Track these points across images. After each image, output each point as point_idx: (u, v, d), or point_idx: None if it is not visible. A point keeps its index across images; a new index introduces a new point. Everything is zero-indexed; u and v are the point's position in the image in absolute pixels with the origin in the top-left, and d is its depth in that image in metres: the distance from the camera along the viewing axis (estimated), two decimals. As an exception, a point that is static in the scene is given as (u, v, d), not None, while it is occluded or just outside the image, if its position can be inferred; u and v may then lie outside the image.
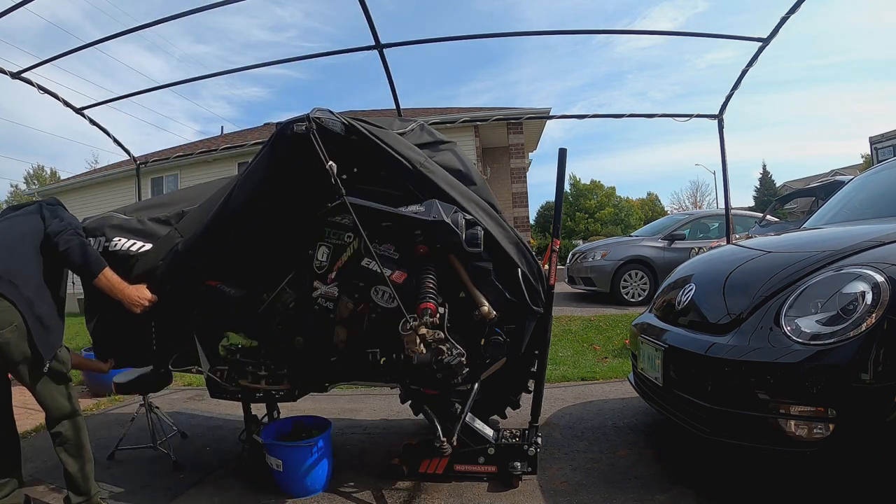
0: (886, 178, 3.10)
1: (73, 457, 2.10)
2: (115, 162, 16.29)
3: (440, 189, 2.10)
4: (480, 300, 2.09)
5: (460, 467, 2.37)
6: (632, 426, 2.98)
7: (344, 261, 2.26)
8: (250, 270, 2.36)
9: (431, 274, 2.08)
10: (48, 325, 1.98)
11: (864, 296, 1.65)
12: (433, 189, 2.10)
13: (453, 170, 2.29)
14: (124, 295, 2.17)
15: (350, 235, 2.27)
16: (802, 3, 3.44)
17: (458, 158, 2.39)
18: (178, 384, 4.66)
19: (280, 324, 2.33)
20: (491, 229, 2.11)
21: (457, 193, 2.14)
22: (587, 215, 34.90)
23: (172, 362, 2.67)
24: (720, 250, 2.98)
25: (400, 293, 2.02)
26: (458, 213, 2.04)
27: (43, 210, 2.14)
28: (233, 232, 2.21)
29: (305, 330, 2.29)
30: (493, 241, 2.11)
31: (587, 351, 5.07)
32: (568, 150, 2.38)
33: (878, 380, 1.57)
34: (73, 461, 2.10)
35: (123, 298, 2.17)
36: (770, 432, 1.76)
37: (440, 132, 2.53)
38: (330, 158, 1.97)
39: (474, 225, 2.07)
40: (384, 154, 2.06)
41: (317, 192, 2.21)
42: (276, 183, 2.16)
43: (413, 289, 2.05)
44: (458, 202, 2.10)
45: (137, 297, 2.19)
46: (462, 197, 2.15)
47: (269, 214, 2.22)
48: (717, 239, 7.11)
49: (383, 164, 2.11)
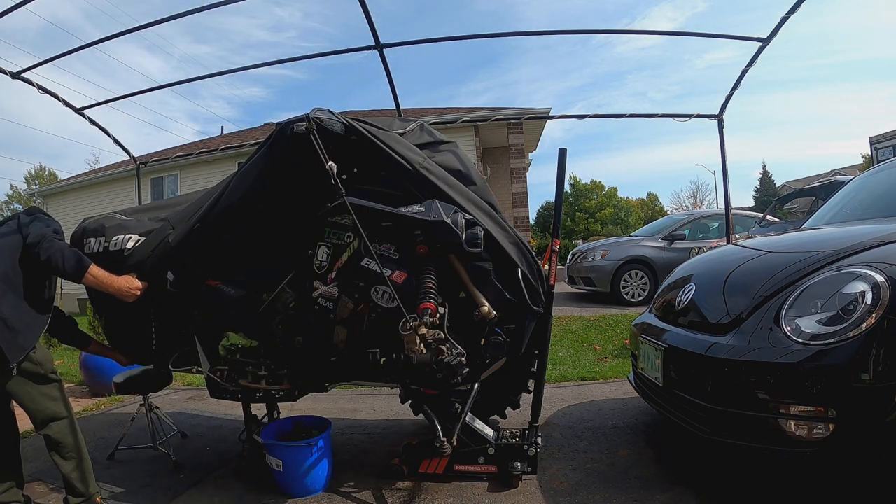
0: (886, 178, 3.10)
1: (67, 459, 2.09)
2: (115, 162, 16.30)
3: (440, 189, 2.10)
4: (480, 300, 2.09)
5: (460, 467, 2.37)
6: (632, 426, 2.98)
7: (344, 261, 2.26)
8: (250, 270, 2.36)
9: (431, 274, 2.08)
10: (14, 327, 1.93)
11: (864, 296, 1.65)
12: (433, 189, 2.10)
13: (453, 170, 2.29)
14: (114, 287, 2.17)
15: (350, 235, 2.27)
16: (802, 3, 3.44)
17: (457, 158, 2.39)
18: (178, 384, 4.66)
19: (280, 324, 2.33)
20: (491, 229, 2.11)
21: (457, 193, 2.14)
22: (587, 215, 34.91)
23: (172, 362, 2.67)
24: (720, 250, 2.98)
25: (400, 293, 2.02)
26: (458, 213, 2.05)
27: (20, 224, 2.13)
28: (227, 229, 2.22)
29: (305, 330, 2.29)
30: (492, 241, 2.11)
31: (587, 351, 5.07)
32: (568, 150, 2.38)
33: (878, 380, 1.57)
34: (66, 463, 2.09)
35: (114, 291, 2.18)
36: (770, 432, 1.76)
37: (440, 132, 2.53)
38: (330, 158, 1.97)
39: (474, 225, 2.07)
40: (384, 154, 2.07)
41: (317, 191, 2.22)
42: (275, 183, 2.16)
43: (413, 289, 2.05)
44: (457, 202, 2.10)
45: (127, 287, 2.19)
46: (462, 197, 2.15)
47: (267, 214, 2.22)
48: (717, 239, 7.11)
49: (383, 164, 2.11)
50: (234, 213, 2.19)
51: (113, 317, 2.56)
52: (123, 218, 2.54)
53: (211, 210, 2.21)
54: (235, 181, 2.22)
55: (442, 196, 2.09)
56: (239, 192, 2.18)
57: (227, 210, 2.18)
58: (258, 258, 2.36)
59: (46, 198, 15.18)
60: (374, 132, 2.07)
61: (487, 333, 2.19)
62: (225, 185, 2.28)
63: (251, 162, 2.19)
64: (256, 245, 2.32)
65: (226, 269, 2.33)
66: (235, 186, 2.20)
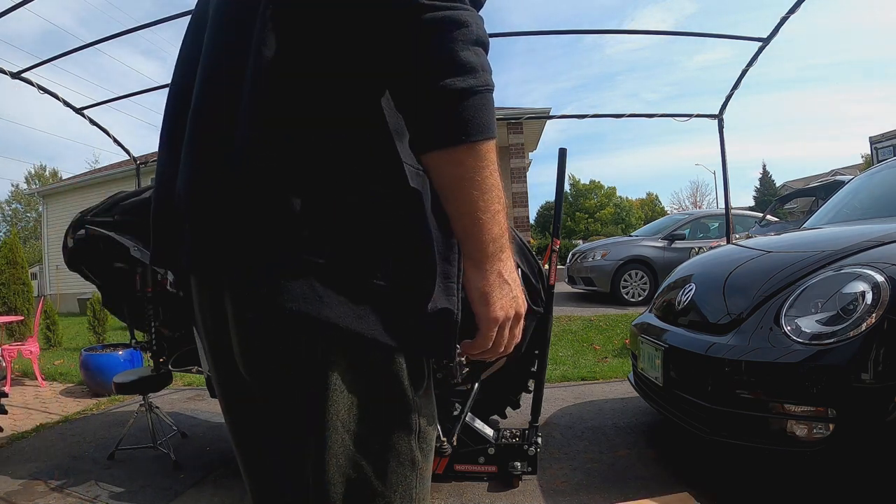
0: (886, 178, 3.10)
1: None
2: (115, 162, 16.31)
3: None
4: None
5: (460, 467, 2.37)
6: (632, 426, 2.98)
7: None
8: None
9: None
10: None
11: (864, 296, 1.65)
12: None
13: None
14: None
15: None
16: (802, 3, 3.44)
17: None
18: (178, 384, 4.66)
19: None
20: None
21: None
22: (587, 215, 34.90)
23: (172, 362, 2.67)
24: (720, 250, 2.98)
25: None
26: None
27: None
28: None
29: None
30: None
31: (587, 351, 5.07)
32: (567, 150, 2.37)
33: (878, 380, 1.57)
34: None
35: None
36: (770, 432, 1.76)
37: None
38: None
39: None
40: None
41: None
42: None
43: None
44: None
45: None
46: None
47: None
48: (717, 239, 7.11)
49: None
50: None
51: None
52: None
53: None
54: None
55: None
56: None
57: None
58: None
59: (46, 198, 15.17)
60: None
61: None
62: None
63: None
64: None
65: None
66: None
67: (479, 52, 0.58)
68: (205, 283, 0.69)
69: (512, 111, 10.58)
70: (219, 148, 0.60)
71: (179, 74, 0.73)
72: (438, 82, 0.55)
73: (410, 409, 0.65)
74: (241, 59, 0.60)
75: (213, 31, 0.66)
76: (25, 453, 2.93)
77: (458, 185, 0.59)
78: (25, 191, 34.21)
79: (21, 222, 35.92)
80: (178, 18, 3.68)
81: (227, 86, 0.61)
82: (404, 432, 0.64)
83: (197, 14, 0.74)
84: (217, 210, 0.60)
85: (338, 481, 0.61)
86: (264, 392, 0.64)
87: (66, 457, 2.89)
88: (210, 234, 0.61)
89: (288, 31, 0.58)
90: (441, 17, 0.54)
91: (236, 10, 0.63)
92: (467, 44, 0.56)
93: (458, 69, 0.55)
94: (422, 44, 0.55)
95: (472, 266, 0.63)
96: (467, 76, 0.56)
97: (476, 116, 0.57)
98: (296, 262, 0.57)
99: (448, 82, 0.55)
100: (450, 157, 0.58)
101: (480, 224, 0.60)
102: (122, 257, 2.43)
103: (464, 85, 0.55)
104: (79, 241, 2.47)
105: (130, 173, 9.80)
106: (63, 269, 7.83)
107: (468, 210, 0.59)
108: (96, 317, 6.31)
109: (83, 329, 7.12)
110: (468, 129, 0.56)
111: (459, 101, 0.56)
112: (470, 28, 0.56)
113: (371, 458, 0.63)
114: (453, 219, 0.61)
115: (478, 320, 0.64)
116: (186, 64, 0.72)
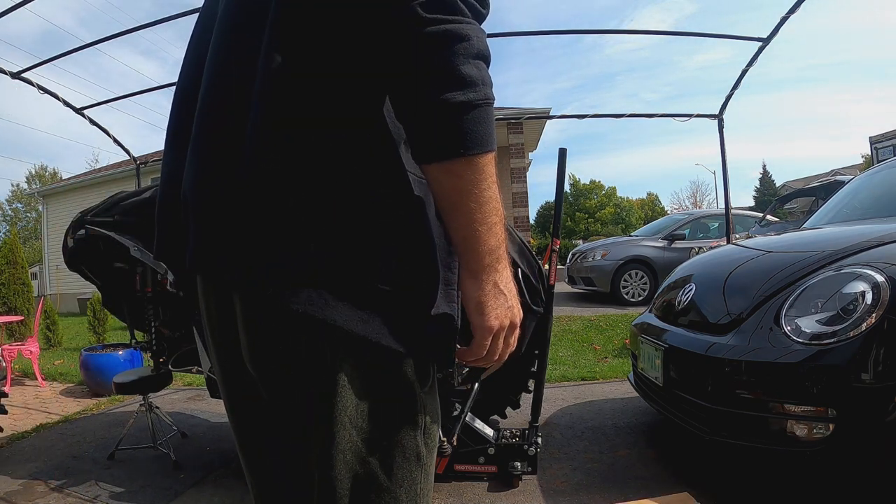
0: (886, 178, 3.10)
1: None
2: (115, 162, 16.32)
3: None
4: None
5: (460, 467, 2.37)
6: (632, 426, 2.98)
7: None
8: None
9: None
10: None
11: (864, 296, 1.65)
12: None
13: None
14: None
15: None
16: (802, 3, 3.44)
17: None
18: (178, 384, 4.66)
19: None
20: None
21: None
22: (587, 215, 34.89)
23: (172, 362, 2.67)
24: (720, 250, 2.98)
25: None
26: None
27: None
28: None
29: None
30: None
31: (587, 351, 5.07)
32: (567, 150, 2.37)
33: (878, 380, 1.57)
34: None
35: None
36: (770, 432, 1.76)
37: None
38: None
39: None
40: None
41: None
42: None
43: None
44: None
45: None
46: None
47: None
48: (717, 239, 7.11)
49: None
50: None
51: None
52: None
53: None
54: None
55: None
56: None
57: None
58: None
59: (46, 198, 15.18)
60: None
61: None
62: None
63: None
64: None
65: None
66: None
67: (480, 65, 0.58)
68: (210, 282, 0.70)
69: (512, 111, 10.58)
70: (226, 148, 0.60)
71: (186, 73, 0.73)
72: (439, 95, 0.55)
73: (416, 406, 0.66)
74: (250, 60, 0.60)
75: (220, 31, 0.66)
76: (25, 453, 2.93)
77: (456, 196, 0.59)
78: (26, 191, 34.22)
79: (21, 222, 35.96)
80: (178, 18, 3.68)
81: (235, 86, 0.61)
82: (410, 428, 0.65)
83: (204, 14, 0.74)
84: (223, 210, 0.60)
85: (345, 477, 0.62)
86: (271, 391, 0.65)
87: (66, 457, 2.89)
88: (216, 234, 0.61)
89: (298, 32, 0.58)
90: (443, 30, 0.55)
91: (245, 10, 0.64)
92: (468, 57, 0.56)
93: (458, 83, 0.56)
94: (423, 57, 0.55)
95: (468, 276, 0.63)
96: (467, 90, 0.56)
97: (475, 130, 0.57)
98: (301, 263, 0.57)
99: (448, 96, 0.55)
100: (448, 169, 0.58)
101: (477, 235, 0.61)
102: (123, 257, 2.43)
103: (463, 98, 0.56)
104: (79, 241, 2.47)
105: (130, 173, 9.80)
106: (63, 269, 7.83)
107: (466, 221, 0.60)
108: (96, 317, 6.31)
109: (83, 329, 7.12)
110: (467, 143, 0.57)
111: (459, 115, 0.56)
112: (471, 42, 0.56)
113: (378, 454, 0.63)
114: (451, 229, 0.62)
115: (473, 329, 0.64)
116: (193, 63, 0.72)
